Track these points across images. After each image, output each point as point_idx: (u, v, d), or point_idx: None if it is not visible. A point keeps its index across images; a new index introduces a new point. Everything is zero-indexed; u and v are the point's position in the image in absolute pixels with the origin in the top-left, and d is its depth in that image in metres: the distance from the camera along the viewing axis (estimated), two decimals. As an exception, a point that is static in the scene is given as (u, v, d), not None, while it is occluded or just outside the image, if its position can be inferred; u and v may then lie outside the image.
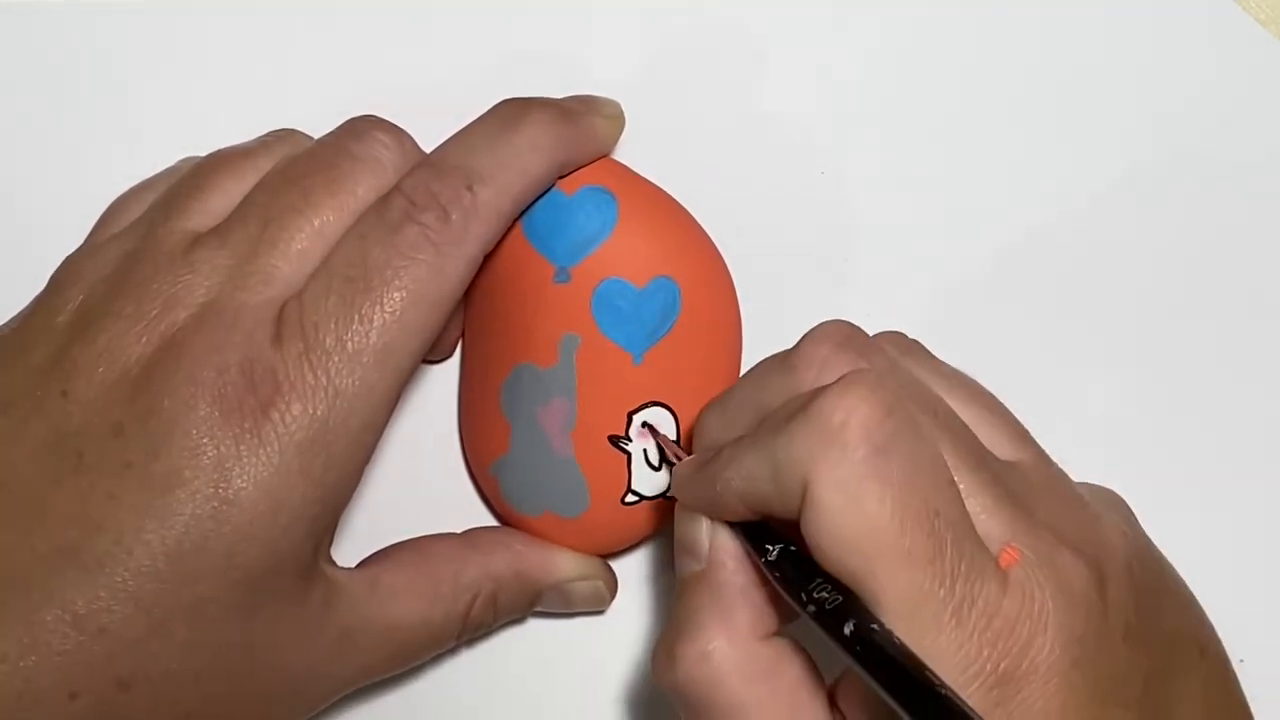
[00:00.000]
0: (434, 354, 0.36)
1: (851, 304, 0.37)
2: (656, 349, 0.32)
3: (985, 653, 0.25)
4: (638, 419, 0.33)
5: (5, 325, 0.31)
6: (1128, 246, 0.38)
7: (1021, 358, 0.37)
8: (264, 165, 0.31)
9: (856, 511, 0.25)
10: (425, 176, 0.30)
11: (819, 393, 0.26)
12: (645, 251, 0.32)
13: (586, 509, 0.33)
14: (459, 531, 0.34)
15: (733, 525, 0.28)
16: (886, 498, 0.25)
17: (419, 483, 0.36)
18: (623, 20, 0.38)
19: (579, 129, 0.32)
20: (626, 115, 0.34)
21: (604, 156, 0.33)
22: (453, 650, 0.34)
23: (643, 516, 0.34)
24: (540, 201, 0.32)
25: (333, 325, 0.28)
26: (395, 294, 0.28)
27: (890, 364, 0.29)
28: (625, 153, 0.34)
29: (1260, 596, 0.36)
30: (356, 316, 0.28)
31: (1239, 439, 0.37)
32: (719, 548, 0.28)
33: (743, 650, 0.27)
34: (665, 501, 0.33)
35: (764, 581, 0.28)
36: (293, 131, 0.33)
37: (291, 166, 0.30)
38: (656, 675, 0.28)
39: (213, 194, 0.31)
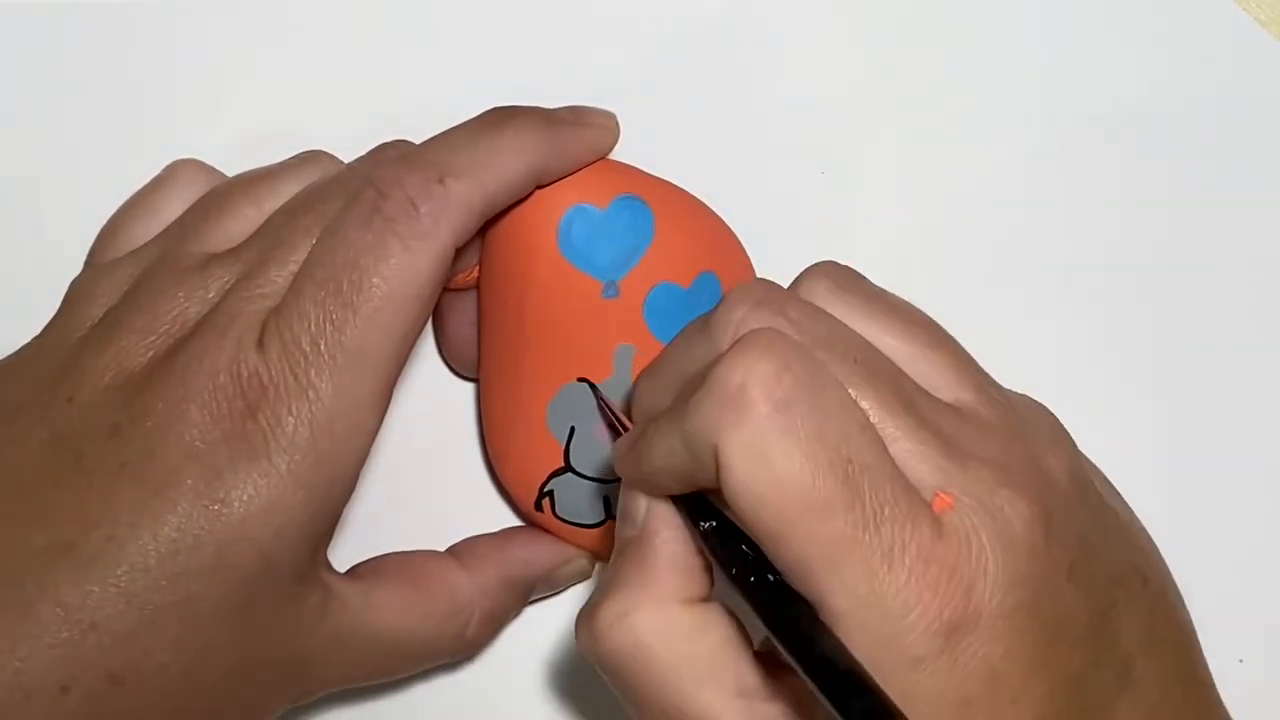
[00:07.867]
0: (465, 369, 0.36)
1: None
2: None
3: (926, 597, 0.24)
4: None
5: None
6: (1127, 247, 0.38)
7: (1021, 354, 0.37)
8: (285, 190, 0.31)
9: (766, 470, 0.24)
10: (397, 169, 0.29)
11: (718, 359, 0.25)
12: (686, 251, 0.33)
13: None
14: (444, 549, 0.34)
15: (673, 498, 0.28)
16: (794, 452, 0.24)
17: (422, 488, 0.36)
18: (622, 20, 0.38)
19: (564, 137, 0.31)
20: (627, 114, 0.33)
21: (602, 160, 0.33)
22: (453, 665, 0.33)
23: None
24: (575, 219, 0.32)
25: (307, 327, 0.28)
26: (363, 293, 0.28)
27: (810, 314, 0.28)
28: (624, 153, 0.33)
29: (1260, 596, 0.36)
30: (326, 318, 0.28)
31: (1241, 434, 0.37)
32: (654, 517, 0.28)
33: (662, 613, 0.27)
34: None
35: (702, 551, 0.27)
36: (318, 153, 0.33)
37: (315, 192, 0.30)
38: (578, 638, 0.28)
39: (231, 218, 0.31)
